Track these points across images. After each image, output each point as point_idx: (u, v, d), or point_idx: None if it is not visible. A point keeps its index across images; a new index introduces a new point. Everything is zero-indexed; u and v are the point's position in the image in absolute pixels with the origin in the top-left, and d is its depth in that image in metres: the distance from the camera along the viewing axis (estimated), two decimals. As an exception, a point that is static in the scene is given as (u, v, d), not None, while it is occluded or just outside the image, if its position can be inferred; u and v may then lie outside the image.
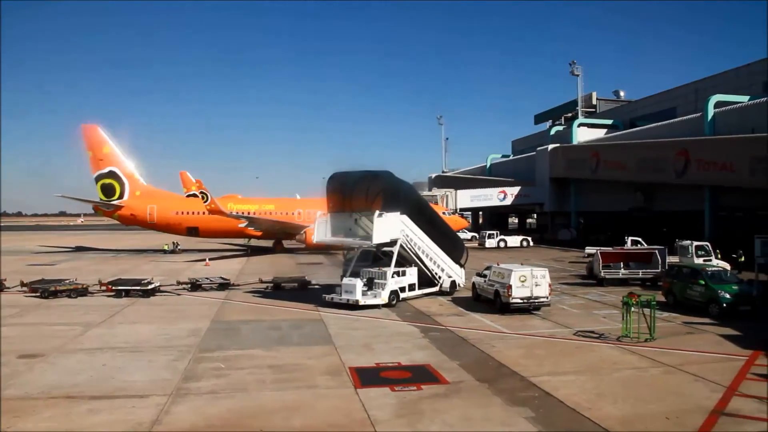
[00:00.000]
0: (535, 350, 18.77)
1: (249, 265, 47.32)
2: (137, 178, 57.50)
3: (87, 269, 42.59)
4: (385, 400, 13.90)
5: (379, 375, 16.07)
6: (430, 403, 13.69)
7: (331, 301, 26.64)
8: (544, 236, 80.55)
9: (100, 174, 56.05)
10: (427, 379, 15.57)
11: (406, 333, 21.53)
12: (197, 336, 20.93)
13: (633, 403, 13.63)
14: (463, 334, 21.24)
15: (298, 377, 15.95)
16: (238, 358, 18.02)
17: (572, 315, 24.99)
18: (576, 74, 80.00)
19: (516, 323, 23.12)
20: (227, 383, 15.36)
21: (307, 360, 17.66)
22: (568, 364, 17.04)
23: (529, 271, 24.79)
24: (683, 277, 26.17)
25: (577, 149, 72.97)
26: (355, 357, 18.00)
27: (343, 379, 15.61)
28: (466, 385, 15.13)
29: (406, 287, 28.00)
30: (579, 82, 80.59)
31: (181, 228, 57.29)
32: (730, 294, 23.78)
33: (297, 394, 14.46)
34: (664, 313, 25.07)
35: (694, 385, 15.05)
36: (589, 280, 35.11)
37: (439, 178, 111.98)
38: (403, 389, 14.73)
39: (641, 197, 61.62)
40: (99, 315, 24.66)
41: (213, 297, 29.78)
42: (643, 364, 17.01)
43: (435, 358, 17.85)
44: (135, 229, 68.87)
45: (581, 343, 19.81)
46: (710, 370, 16.36)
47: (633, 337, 19.83)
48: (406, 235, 28.00)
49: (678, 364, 16.88)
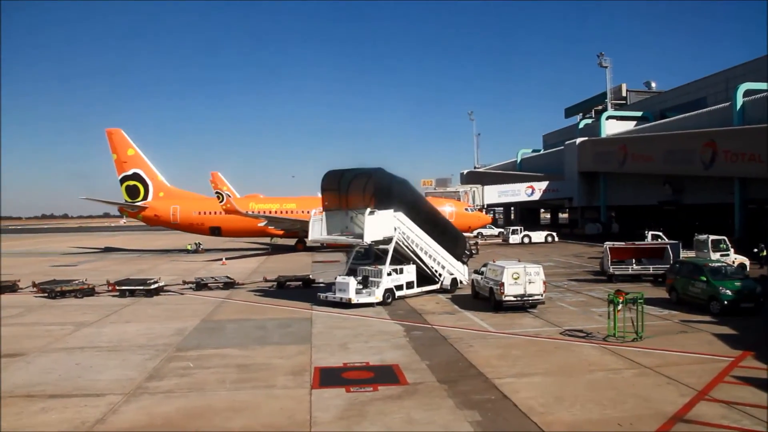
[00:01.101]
0: (513, 350, 18.22)
1: (266, 264, 47.75)
2: (161, 180, 58.83)
3: (106, 269, 43.80)
4: (334, 402, 13.72)
5: (340, 375, 15.89)
6: (379, 405, 13.43)
7: (325, 300, 26.59)
8: (573, 231, 78.87)
9: (125, 176, 57.62)
10: (387, 380, 15.30)
11: (389, 332, 21.27)
12: (181, 335, 21.18)
13: (590, 407, 13.04)
14: (446, 333, 20.84)
15: (259, 377, 15.92)
16: (211, 357, 18.14)
17: (567, 313, 24.24)
18: (604, 66, 77.76)
19: (505, 322, 22.55)
20: (187, 382, 15.47)
21: (277, 359, 17.62)
22: (541, 365, 16.46)
23: (522, 268, 24.16)
24: (686, 273, 25.03)
25: (605, 142, 70.97)
26: (327, 357, 17.88)
27: (303, 380, 15.50)
28: (425, 386, 14.78)
29: (403, 285, 27.70)
30: (607, 74, 78.44)
31: (204, 228, 58.34)
32: (732, 290, 22.60)
33: (250, 394, 14.43)
34: (664, 310, 24.16)
35: (665, 388, 14.30)
36: (601, 277, 33.99)
37: (471, 174, 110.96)
38: (359, 390, 14.51)
39: (669, 190, 59.53)
40: (96, 315, 25.27)
41: (215, 296, 30.13)
42: (619, 366, 16.29)
43: (406, 358, 17.54)
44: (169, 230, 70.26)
45: (563, 342, 19.15)
46: (689, 372, 15.54)
47: (619, 337, 19.06)
48: (402, 232, 27.67)
49: (656, 366, 16.11)
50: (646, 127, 68.30)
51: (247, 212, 52.29)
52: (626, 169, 64.79)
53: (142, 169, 58.03)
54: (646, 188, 64.21)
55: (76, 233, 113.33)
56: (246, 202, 60.52)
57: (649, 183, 63.18)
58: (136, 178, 57.78)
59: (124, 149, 57.40)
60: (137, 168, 57.82)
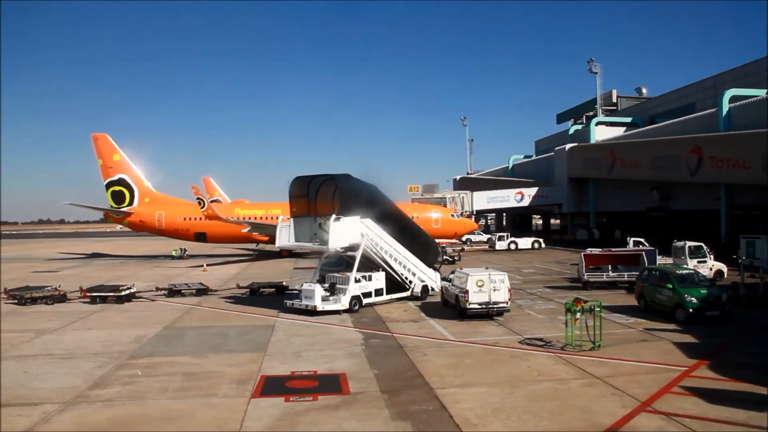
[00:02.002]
0: (466, 359, 18.01)
1: (247, 270, 47.56)
2: (147, 185, 58.70)
3: (87, 275, 43.65)
4: (270, 411, 13.54)
5: (284, 384, 15.70)
6: (314, 415, 13.26)
7: (292, 307, 26.39)
8: (563, 237, 78.67)
9: (111, 181, 57.51)
10: (329, 390, 15.11)
11: (347, 340, 21.06)
12: (139, 342, 21.00)
13: (527, 419, 12.82)
14: (404, 341, 20.63)
15: (203, 385, 15.75)
16: (161, 365, 17.96)
17: (533, 321, 24.03)
18: (594, 72, 77.66)
19: (467, 330, 22.35)
20: (129, 391, 15.31)
21: (227, 367, 17.44)
22: (489, 375, 16.24)
23: (486, 275, 23.94)
24: (653, 280, 24.81)
25: (593, 148, 70.87)
26: (277, 365, 17.71)
27: (245, 389, 15.31)
28: (366, 396, 14.58)
29: (372, 292, 27.51)
30: (597, 80, 78.28)
31: (189, 234, 58.19)
32: (698, 298, 22.38)
33: (189, 403, 14.26)
34: (630, 318, 23.96)
35: (609, 399, 14.08)
36: (577, 284, 33.76)
37: (464, 179, 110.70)
38: (298, 400, 14.35)
39: (657, 196, 59.36)
40: (60, 322, 25.09)
41: (185, 303, 29.93)
42: (568, 376, 16.07)
43: (357, 366, 17.34)
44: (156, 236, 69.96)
45: (520, 351, 18.92)
46: (638, 382, 15.33)
47: (576, 346, 18.84)
48: (371, 239, 27.50)
49: (607, 376, 15.89)
50: (634, 133, 68.23)
51: (228, 218, 52.10)
52: (614, 175, 64.65)
53: (128, 175, 57.91)
54: (634, 194, 64.06)
55: (69, 238, 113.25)
56: (231, 207, 60.46)
57: (637, 189, 63.01)
58: (122, 183, 57.66)
59: (109, 154, 57.31)
60: (123, 173, 57.72)
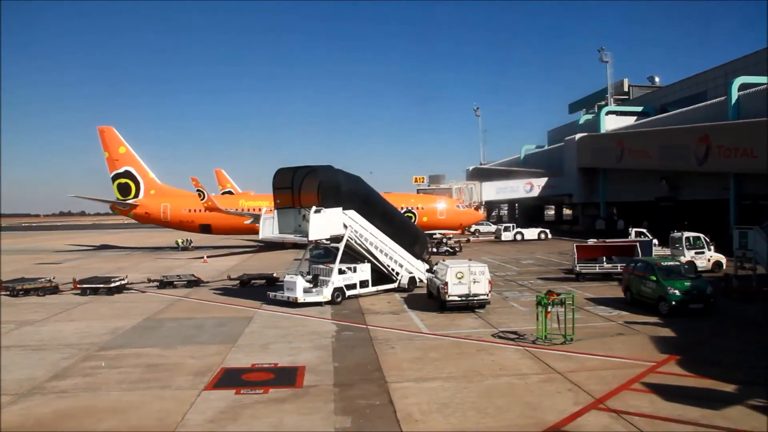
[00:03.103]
0: (432, 353, 17.76)
1: (248, 261, 47.76)
2: (152, 177, 59.14)
3: (88, 267, 44.23)
4: (216, 404, 13.52)
5: (240, 377, 15.66)
6: (258, 408, 13.19)
7: (275, 299, 26.36)
8: (572, 228, 77.61)
9: (117, 174, 58.00)
10: (283, 383, 15.03)
11: (320, 332, 20.94)
12: (114, 334, 21.18)
13: (471, 416, 12.56)
14: (377, 334, 20.47)
15: (161, 377, 15.77)
16: (127, 356, 18.06)
17: (514, 313, 23.67)
18: (605, 61, 76.15)
19: (444, 322, 22.10)
20: (87, 383, 15.41)
21: (191, 359, 17.47)
22: (449, 369, 15.99)
23: (466, 267, 23.64)
24: (639, 272, 24.22)
25: (603, 138, 69.59)
26: (241, 357, 17.69)
27: (201, 381, 15.29)
28: (318, 389, 14.45)
29: (357, 284, 27.35)
30: (608, 69, 76.76)
31: (194, 225, 58.51)
32: (681, 291, 21.80)
33: (140, 395, 14.29)
34: (614, 311, 23.50)
35: (564, 395, 13.72)
36: (570, 275, 33.19)
37: (477, 170, 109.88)
38: (248, 392, 14.30)
39: (666, 186, 58.13)
40: (46, 313, 25.40)
41: (174, 294, 30.11)
42: (530, 371, 15.72)
43: (320, 359, 17.23)
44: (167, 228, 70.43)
45: (489, 345, 18.61)
46: (600, 377, 14.96)
47: (546, 340, 18.47)
48: (355, 230, 27.31)
49: (570, 371, 15.53)
50: (643, 122, 66.86)
51: (228, 210, 52.24)
52: (623, 165, 63.49)
53: (134, 167, 58.37)
54: (644, 184, 62.81)
55: (86, 230, 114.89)
56: (236, 199, 60.73)
57: (647, 179, 61.79)
58: (128, 176, 58.14)
59: (115, 147, 57.80)
60: (129, 166, 58.18)
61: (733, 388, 14.01)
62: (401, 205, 59.24)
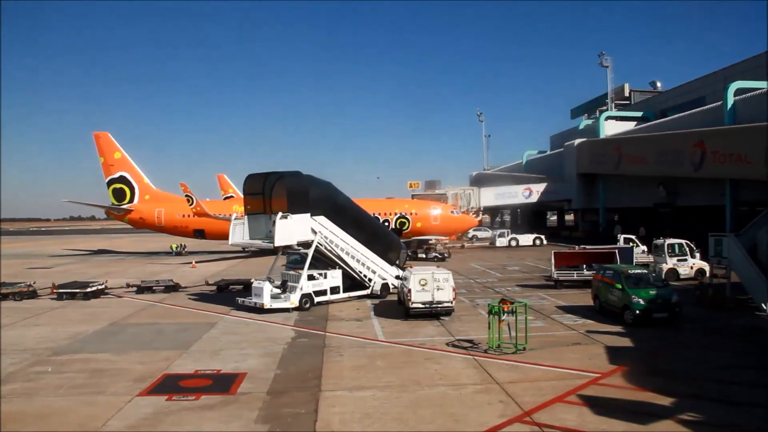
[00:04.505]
0: (378, 361, 17.60)
1: (236, 267, 47.97)
2: (147, 182, 59.56)
3: (77, 272, 44.63)
4: (142, 410, 13.52)
5: (178, 383, 15.63)
6: (183, 415, 13.18)
7: (242, 305, 26.34)
8: (572, 234, 76.97)
9: (112, 179, 58.49)
10: (217, 390, 14.99)
11: (275, 339, 20.85)
12: (73, 339, 21.29)
13: (391, 427, 12.37)
14: (332, 341, 20.38)
15: (100, 383, 15.81)
16: (76, 362, 18.14)
17: (478, 321, 23.29)
18: (605, 65, 75.47)
19: (404, 330, 21.95)
20: (26, 388, 15.50)
21: (138, 365, 17.50)
22: (389, 378, 15.81)
23: (430, 274, 23.44)
24: (607, 279, 23.85)
25: (601, 143, 68.91)
26: (188, 363, 17.70)
27: (137, 387, 15.30)
28: (248, 397, 14.38)
29: (327, 290, 27.24)
30: (608, 74, 75.93)
31: (188, 230, 58.81)
32: (645, 299, 21.42)
33: (71, 401, 14.34)
34: (579, 320, 23.18)
35: (493, 407, 13.46)
36: (550, 282, 32.80)
37: (480, 175, 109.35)
38: (180, 399, 14.30)
39: (663, 192, 57.38)
40: (15, 318, 25.58)
41: (150, 300, 30.22)
42: (469, 381, 15.49)
43: (264, 366, 17.16)
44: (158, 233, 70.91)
45: (439, 354, 18.39)
46: (538, 389, 14.67)
47: (497, 349, 18.20)
48: (325, 236, 27.24)
49: (509, 381, 15.28)
50: (641, 127, 66.08)
51: (217, 215, 52.37)
52: (621, 171, 62.81)
53: (129, 172, 58.83)
54: (642, 190, 62.08)
55: (92, 235, 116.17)
56: (230, 204, 60.92)
57: (645, 185, 61.07)
58: (123, 181, 58.60)
59: (111, 152, 58.33)
60: (124, 171, 58.65)
61: (670, 401, 13.69)
62: (395, 210, 59.19)
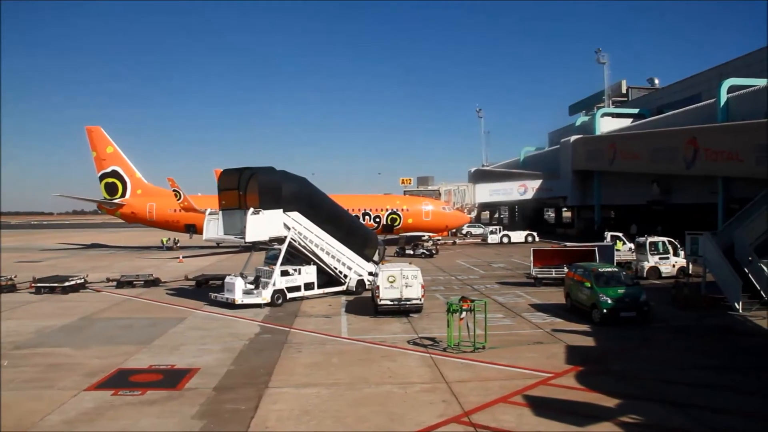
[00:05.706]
0: (334, 358, 17.56)
1: (224, 262, 47.90)
2: (139, 177, 59.71)
3: (65, 266, 44.75)
4: (84, 405, 13.58)
5: (128, 378, 15.66)
6: (123, 410, 13.23)
7: (215, 300, 26.36)
8: (566, 231, 76.75)
9: (104, 173, 58.68)
10: (166, 385, 15.02)
11: (239, 334, 20.85)
12: (40, 333, 21.38)
13: (327, 425, 12.31)
14: (294, 337, 20.39)
15: (52, 377, 15.85)
16: (35, 356, 18.19)
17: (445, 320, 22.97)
18: (602, 62, 75.01)
19: (369, 327, 21.91)
20: (-24, 382, 15.44)
21: (94, 359, 17.55)
22: (339, 375, 15.77)
23: (398, 271, 23.38)
24: (578, 277, 23.69)
25: (596, 140, 68.56)
26: (145, 358, 17.77)
27: (87, 381, 15.35)
28: (193, 393, 14.38)
29: (301, 286, 27.23)
30: (605, 71, 75.58)
31: (180, 225, 58.89)
32: (612, 298, 21.27)
33: (18, 395, 14.37)
34: (548, 318, 23.08)
35: (434, 406, 13.32)
36: (529, 280, 32.65)
37: (479, 172, 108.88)
38: (125, 394, 14.37)
39: (657, 189, 57.06)
40: (-12, 311, 25.60)
41: (127, 294, 30.31)
42: (419, 380, 15.40)
43: (219, 362, 17.16)
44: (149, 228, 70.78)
45: (397, 351, 18.33)
46: (485, 389, 14.55)
47: (456, 348, 18.11)
48: (299, 232, 27.21)
49: (458, 381, 15.19)
50: (636, 124, 65.76)
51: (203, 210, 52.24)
52: (615, 168, 62.49)
53: (121, 167, 59.00)
54: (637, 187, 61.78)
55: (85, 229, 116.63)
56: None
57: (640, 182, 60.74)
58: (115, 175, 58.80)
59: (103, 147, 58.48)
60: (116, 165, 58.82)
61: (615, 403, 13.57)
62: (386, 206, 59.11)
